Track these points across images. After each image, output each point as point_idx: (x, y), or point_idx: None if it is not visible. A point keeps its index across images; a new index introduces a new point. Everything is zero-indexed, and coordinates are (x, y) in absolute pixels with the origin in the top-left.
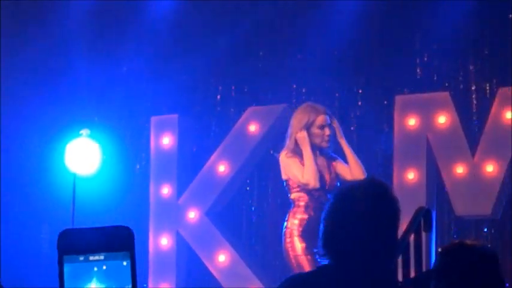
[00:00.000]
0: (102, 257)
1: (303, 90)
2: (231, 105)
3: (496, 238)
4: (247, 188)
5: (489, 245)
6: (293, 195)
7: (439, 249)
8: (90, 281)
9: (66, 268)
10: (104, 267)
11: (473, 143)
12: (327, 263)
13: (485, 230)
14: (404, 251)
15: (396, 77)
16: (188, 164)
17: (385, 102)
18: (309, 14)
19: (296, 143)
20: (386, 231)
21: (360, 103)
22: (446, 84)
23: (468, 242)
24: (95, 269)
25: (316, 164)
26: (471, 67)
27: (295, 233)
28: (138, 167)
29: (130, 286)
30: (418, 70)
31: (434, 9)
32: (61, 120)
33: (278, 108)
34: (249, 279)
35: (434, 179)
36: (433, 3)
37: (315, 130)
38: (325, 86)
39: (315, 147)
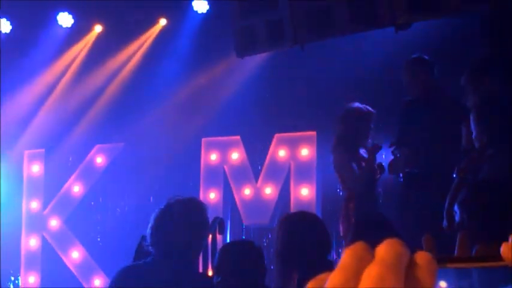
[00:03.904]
0: None
1: None
2: None
3: (272, 242)
4: None
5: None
6: None
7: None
8: None
9: None
10: None
11: (257, 172)
12: (152, 253)
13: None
14: (205, 249)
15: (200, 122)
16: None
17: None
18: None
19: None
20: (195, 234)
21: None
22: (239, 130)
23: (239, 240)
24: None
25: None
26: (254, 117)
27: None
28: None
29: None
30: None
31: None
32: None
33: None
34: None
35: (229, 198)
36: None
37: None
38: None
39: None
